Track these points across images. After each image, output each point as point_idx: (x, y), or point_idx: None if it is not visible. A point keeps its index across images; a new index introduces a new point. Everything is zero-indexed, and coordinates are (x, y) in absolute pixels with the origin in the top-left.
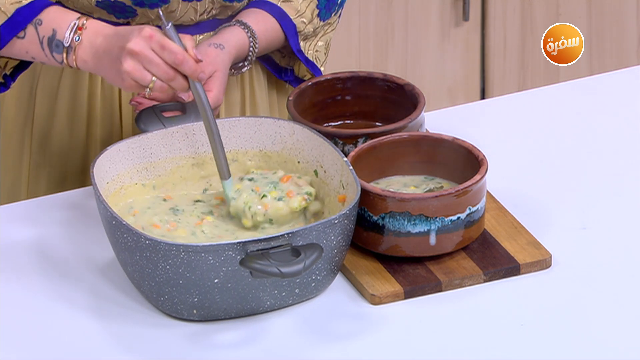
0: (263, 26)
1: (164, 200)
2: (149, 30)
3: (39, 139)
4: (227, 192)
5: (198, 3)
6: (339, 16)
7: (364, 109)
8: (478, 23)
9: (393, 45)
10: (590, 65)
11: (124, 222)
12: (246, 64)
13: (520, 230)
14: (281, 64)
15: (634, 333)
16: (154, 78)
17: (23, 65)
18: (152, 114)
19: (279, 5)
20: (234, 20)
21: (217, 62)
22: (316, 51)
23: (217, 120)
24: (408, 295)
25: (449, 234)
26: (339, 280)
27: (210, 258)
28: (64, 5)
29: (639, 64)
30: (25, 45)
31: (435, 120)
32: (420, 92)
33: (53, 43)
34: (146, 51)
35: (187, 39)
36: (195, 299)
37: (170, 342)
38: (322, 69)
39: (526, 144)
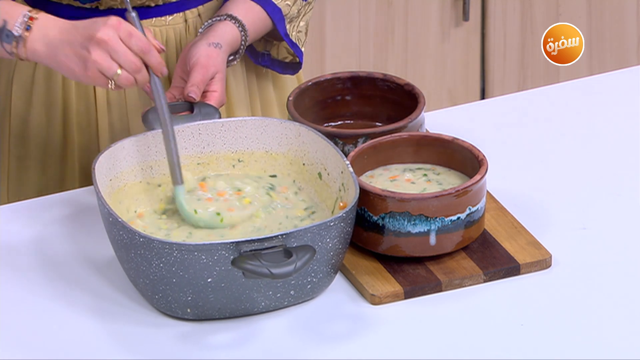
0: (251, 18)
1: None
2: (115, 19)
3: (18, 132)
4: (180, 199)
5: None
6: None
7: (364, 109)
8: (478, 23)
9: (393, 45)
10: (590, 65)
11: (120, 219)
12: (237, 57)
13: (520, 230)
14: (258, 49)
15: (634, 333)
16: (119, 71)
17: None
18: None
19: None
20: (224, 14)
21: (218, 62)
22: (298, 32)
23: (222, 120)
24: (408, 295)
25: (449, 234)
26: (339, 280)
27: (203, 257)
28: None
29: (639, 64)
30: None
31: (435, 120)
32: (420, 92)
33: (3, 33)
34: (114, 40)
35: (147, 31)
36: (189, 298)
37: (165, 342)
38: (302, 49)
39: (526, 144)
